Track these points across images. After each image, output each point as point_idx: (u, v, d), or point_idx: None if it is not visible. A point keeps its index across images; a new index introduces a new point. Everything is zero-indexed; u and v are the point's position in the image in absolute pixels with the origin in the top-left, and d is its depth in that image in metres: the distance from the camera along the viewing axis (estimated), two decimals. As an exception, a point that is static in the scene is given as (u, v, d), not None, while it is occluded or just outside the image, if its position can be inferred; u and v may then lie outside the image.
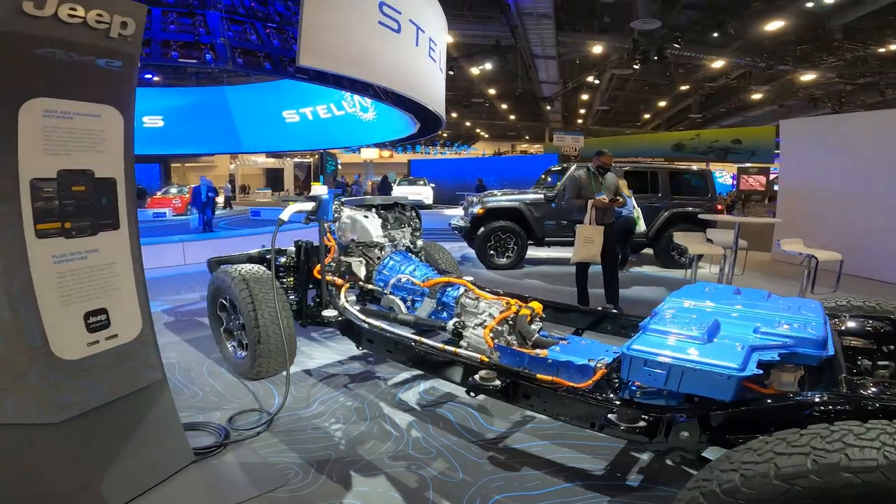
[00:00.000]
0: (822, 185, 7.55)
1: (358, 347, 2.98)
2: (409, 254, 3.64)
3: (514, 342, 2.55)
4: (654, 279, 6.65)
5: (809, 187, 7.77)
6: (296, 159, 30.13)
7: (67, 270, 1.81)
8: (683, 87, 23.27)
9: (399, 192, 20.47)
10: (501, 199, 7.54)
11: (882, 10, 11.56)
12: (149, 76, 12.73)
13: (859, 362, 1.80)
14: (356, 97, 12.06)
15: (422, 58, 7.63)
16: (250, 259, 3.83)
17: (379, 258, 3.48)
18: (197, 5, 5.40)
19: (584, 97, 27.40)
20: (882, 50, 14.33)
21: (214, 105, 15.01)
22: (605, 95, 26.80)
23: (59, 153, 1.75)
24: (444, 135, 38.07)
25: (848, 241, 6.51)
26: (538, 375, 2.08)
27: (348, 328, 2.96)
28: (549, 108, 29.33)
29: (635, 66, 15.60)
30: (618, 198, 4.66)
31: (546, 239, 7.42)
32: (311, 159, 30.89)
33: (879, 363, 1.76)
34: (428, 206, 19.59)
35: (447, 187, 22.73)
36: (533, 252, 8.17)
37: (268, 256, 3.66)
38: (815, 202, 7.53)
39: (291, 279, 3.54)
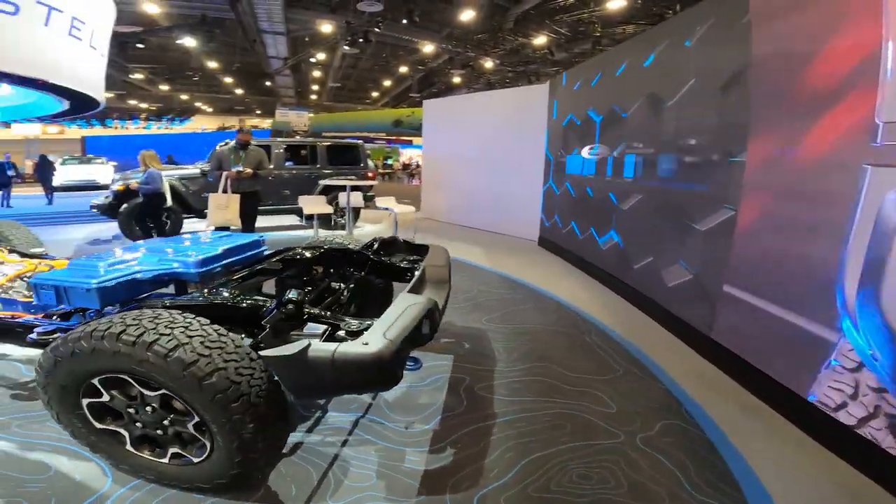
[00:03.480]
0: (440, 154, 10.28)
1: None
2: None
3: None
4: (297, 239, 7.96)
5: (436, 157, 10.48)
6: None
7: None
8: (403, 69, 26.24)
9: (65, 172, 18.24)
10: None
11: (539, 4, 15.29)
12: None
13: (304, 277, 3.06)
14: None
15: (56, 38, 7.32)
16: None
17: None
18: None
19: (317, 74, 28.28)
20: (535, 41, 18.74)
21: None
22: (339, 73, 28.20)
23: None
24: (153, 108, 34.30)
25: (458, 199, 9.32)
26: (1, 312, 2.68)
27: None
28: (278, 83, 29.21)
29: (345, 47, 17.09)
30: (245, 169, 5.64)
31: (205, 211, 7.96)
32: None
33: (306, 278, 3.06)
34: (105, 186, 17.91)
35: (136, 164, 21.32)
36: (195, 225, 8.56)
37: None
38: (438, 168, 10.30)
39: None
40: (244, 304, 2.21)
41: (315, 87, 32.27)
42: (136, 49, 18.76)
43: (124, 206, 7.69)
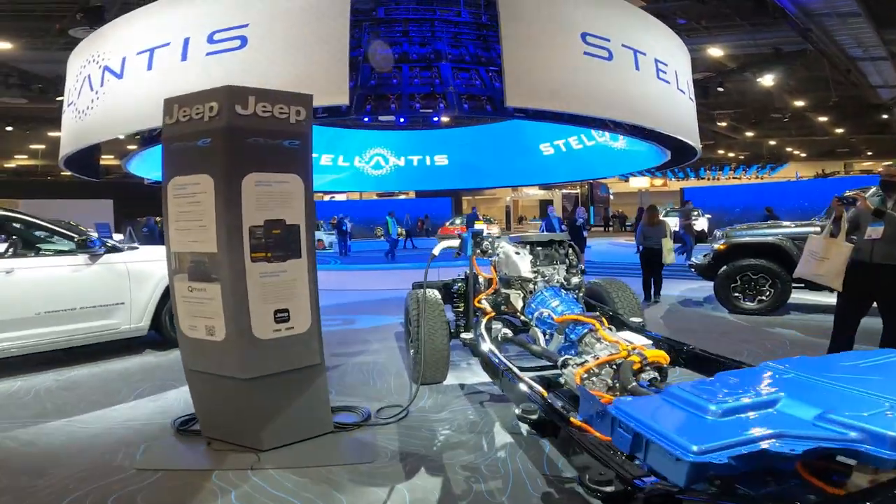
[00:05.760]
0: None
1: (484, 369, 3.47)
2: (562, 290, 3.79)
3: (616, 385, 2.52)
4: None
5: None
6: (564, 190, 31.60)
7: (268, 283, 2.72)
8: None
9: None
10: (753, 232, 6.79)
11: None
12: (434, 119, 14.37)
13: None
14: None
15: (647, 82, 7.56)
16: (444, 285, 4.42)
17: (531, 291, 3.76)
18: (433, 58, 6.74)
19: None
20: None
21: (486, 141, 17.33)
22: None
23: (265, 208, 2.70)
24: (741, 157, 33.63)
25: None
26: (572, 419, 2.14)
27: (476, 351, 3.55)
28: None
29: None
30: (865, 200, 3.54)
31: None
32: (578, 190, 31.88)
33: None
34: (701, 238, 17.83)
35: (729, 217, 20.19)
36: (804, 296, 6.91)
37: (456, 285, 4.32)
38: None
39: (462, 304, 4.19)
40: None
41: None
42: (715, 95, 18.89)
43: (723, 267, 6.63)
